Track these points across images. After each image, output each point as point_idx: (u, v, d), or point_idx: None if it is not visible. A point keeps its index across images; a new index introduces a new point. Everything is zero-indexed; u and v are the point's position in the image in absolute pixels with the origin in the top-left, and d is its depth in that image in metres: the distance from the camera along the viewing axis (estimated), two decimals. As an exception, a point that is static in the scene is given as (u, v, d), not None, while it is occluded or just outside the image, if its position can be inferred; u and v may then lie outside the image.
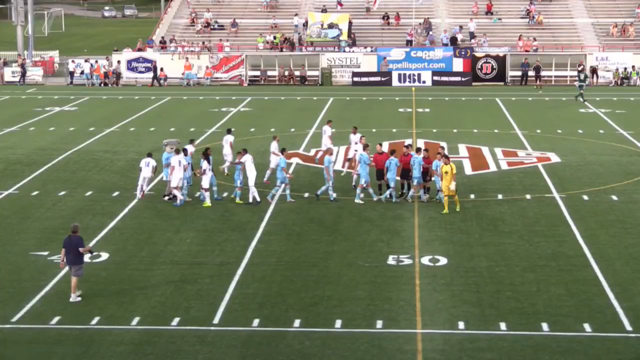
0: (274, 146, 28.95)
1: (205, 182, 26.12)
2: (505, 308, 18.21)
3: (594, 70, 54.73)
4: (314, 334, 16.97)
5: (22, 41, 63.77)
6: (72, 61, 58.41)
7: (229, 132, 30.84)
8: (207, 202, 26.09)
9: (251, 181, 26.25)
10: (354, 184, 27.56)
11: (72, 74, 57.30)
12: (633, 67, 55.02)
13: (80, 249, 18.69)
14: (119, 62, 57.26)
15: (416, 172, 25.93)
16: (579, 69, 51.95)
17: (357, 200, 26.37)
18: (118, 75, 56.93)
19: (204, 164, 26.07)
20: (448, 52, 56.28)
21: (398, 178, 26.73)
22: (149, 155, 27.31)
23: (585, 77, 49.21)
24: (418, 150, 26.93)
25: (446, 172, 24.86)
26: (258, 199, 26.23)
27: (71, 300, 18.68)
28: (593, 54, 55.79)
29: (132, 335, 17.00)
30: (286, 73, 57.02)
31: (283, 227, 24.12)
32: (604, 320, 17.55)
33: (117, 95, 52.30)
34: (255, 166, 26.68)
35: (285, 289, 19.39)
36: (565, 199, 26.95)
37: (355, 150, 28.72)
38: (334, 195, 26.58)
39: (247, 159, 26.38)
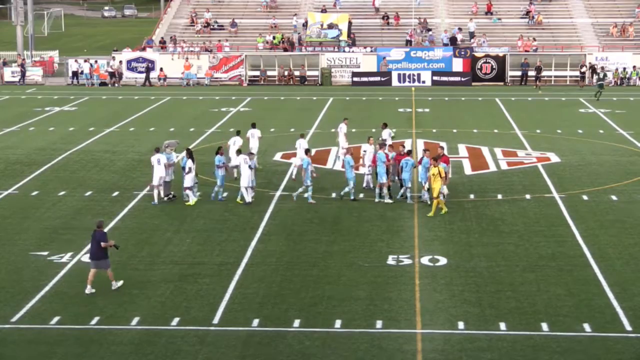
0: (302, 143, 29.03)
1: (188, 181, 26.11)
2: (505, 308, 18.23)
3: (593, 70, 54.74)
4: (314, 334, 16.98)
5: (22, 41, 63.77)
6: (75, 61, 58.42)
7: (253, 126, 31.26)
8: (191, 201, 26.06)
9: (243, 182, 26.19)
10: (364, 184, 27.48)
11: (75, 73, 57.29)
12: (634, 67, 55.04)
13: (102, 244, 19.07)
14: (120, 62, 57.31)
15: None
16: (599, 69, 51.84)
17: (378, 200, 26.26)
18: (120, 76, 56.98)
19: (188, 163, 26.10)
20: (448, 52, 56.32)
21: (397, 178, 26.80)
22: (157, 150, 27.17)
23: (605, 75, 49.56)
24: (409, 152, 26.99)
25: (433, 174, 24.77)
26: (247, 200, 26.18)
27: (113, 288, 19.25)
28: (593, 54, 55.83)
29: (132, 335, 17.02)
30: (286, 73, 57.05)
31: (283, 227, 24.13)
32: (604, 320, 17.57)
33: (117, 95, 52.33)
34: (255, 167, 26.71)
35: (285, 289, 19.40)
36: (565, 199, 26.97)
37: (364, 151, 28.51)
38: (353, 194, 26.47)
39: (241, 160, 26.34)
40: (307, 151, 27.18)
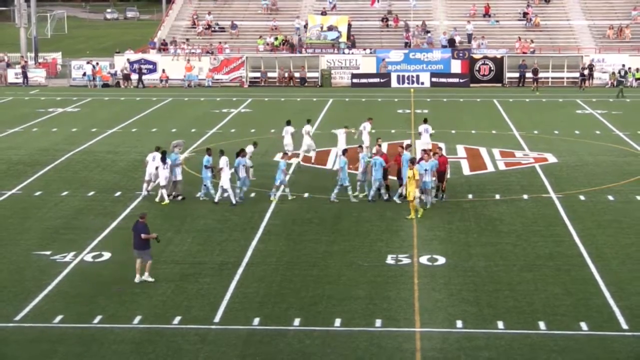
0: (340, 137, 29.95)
1: (162, 180, 26.53)
2: (502, 307, 18.36)
3: (591, 71, 55.02)
4: (314, 333, 17.11)
5: (25, 43, 63.98)
6: (89, 62, 58.52)
7: (308, 122, 32.48)
8: (166, 201, 26.55)
9: (225, 184, 26.33)
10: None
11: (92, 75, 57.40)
12: (629, 68, 55.25)
13: (143, 235, 19.56)
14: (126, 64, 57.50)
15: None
16: (621, 68, 52.87)
17: (394, 199, 26.36)
18: (126, 77, 57.25)
19: (160, 163, 26.54)
20: (446, 54, 56.53)
21: (394, 178, 26.93)
22: (157, 149, 27.39)
23: (626, 73, 51.17)
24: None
25: (409, 177, 24.70)
26: (233, 201, 26.26)
27: (140, 279, 19.70)
28: (589, 55, 56.08)
29: (133, 334, 17.15)
30: (286, 74, 57.26)
31: (283, 227, 24.29)
32: (601, 319, 17.70)
33: (119, 96, 52.54)
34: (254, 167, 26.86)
35: (286, 289, 19.55)
36: (563, 199, 27.14)
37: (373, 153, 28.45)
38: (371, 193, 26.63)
39: (222, 162, 26.44)
40: (344, 152, 27.35)
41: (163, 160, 26.66)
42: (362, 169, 26.81)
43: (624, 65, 53.35)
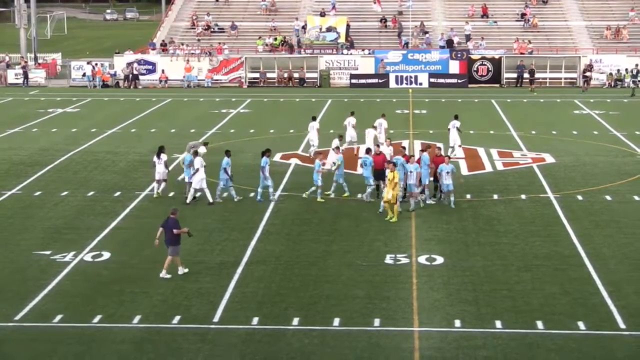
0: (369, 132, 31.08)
1: (156, 174, 27.11)
2: (500, 306, 18.42)
3: (590, 71, 55.18)
4: (313, 332, 17.17)
5: (25, 44, 64.08)
6: (89, 63, 58.64)
7: (352, 114, 33.45)
8: (155, 194, 27.17)
9: (196, 185, 26.33)
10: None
11: (95, 76, 57.32)
12: (626, 69, 55.38)
13: (175, 231, 19.90)
14: (128, 64, 57.57)
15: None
16: (636, 67, 53.85)
17: (429, 201, 26.23)
18: (127, 78, 57.33)
19: (155, 159, 27.08)
20: (444, 55, 56.67)
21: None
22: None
23: (638, 72, 52.66)
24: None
25: (389, 180, 24.53)
26: (188, 200, 26.37)
27: (161, 275, 19.95)
28: (587, 56, 56.21)
29: (133, 333, 17.21)
30: (285, 75, 57.37)
31: (283, 227, 24.38)
32: (598, 319, 17.77)
33: (119, 97, 52.65)
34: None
35: (285, 288, 19.64)
36: (560, 199, 27.25)
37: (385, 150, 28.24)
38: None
39: (197, 162, 26.49)
40: (367, 150, 27.47)
41: (158, 155, 26.85)
42: (340, 169, 27.00)
43: (637, 65, 53.81)
